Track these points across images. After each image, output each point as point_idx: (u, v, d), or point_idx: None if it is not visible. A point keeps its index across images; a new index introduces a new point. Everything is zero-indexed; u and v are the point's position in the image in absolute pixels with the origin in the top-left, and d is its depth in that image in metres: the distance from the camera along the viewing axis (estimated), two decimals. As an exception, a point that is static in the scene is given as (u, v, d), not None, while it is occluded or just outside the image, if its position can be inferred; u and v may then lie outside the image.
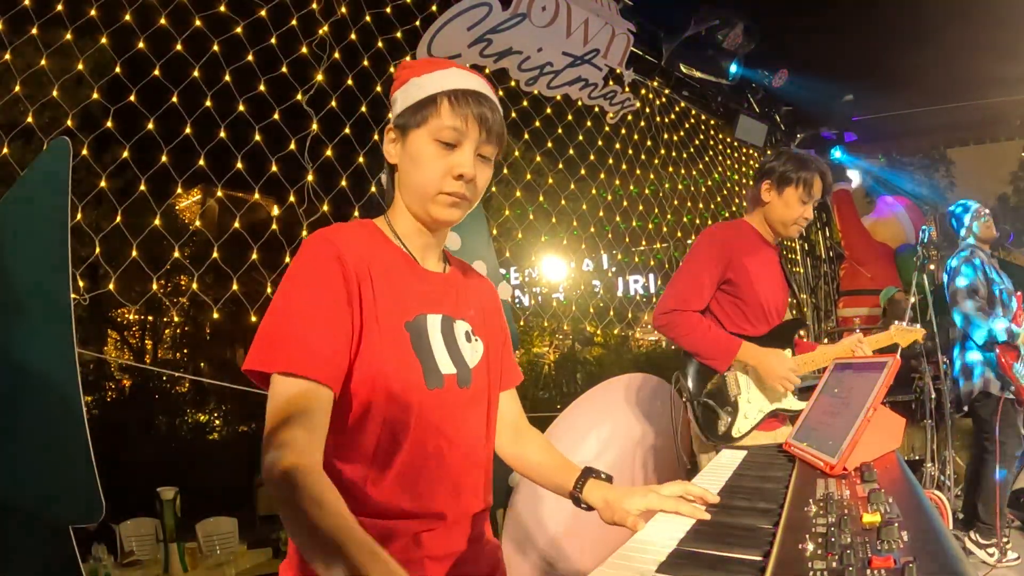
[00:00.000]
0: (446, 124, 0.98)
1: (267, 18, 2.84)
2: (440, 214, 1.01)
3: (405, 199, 1.05)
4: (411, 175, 1.01)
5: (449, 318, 1.06)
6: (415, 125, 1.00)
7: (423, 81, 1.02)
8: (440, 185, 0.99)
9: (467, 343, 1.07)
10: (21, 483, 1.81)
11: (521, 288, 10.75)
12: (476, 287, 1.17)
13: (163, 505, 4.43)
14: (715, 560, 0.73)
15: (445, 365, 1.02)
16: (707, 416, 2.10)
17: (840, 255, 6.08)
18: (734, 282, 2.11)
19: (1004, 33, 4.22)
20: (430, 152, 0.99)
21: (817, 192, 2.11)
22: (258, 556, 4.85)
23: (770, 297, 2.15)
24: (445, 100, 0.99)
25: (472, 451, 1.05)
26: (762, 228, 2.22)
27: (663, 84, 4.53)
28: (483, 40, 3.18)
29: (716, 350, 2.06)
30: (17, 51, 2.35)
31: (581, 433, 2.78)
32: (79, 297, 2.20)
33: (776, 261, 2.24)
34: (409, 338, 0.98)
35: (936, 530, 0.70)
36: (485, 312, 1.15)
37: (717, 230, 2.20)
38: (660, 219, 4.75)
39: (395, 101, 1.05)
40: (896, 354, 1.19)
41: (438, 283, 1.08)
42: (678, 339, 2.10)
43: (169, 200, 2.72)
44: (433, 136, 0.99)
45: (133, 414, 8.81)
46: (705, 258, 2.12)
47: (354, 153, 3.02)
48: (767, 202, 2.16)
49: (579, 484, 1.10)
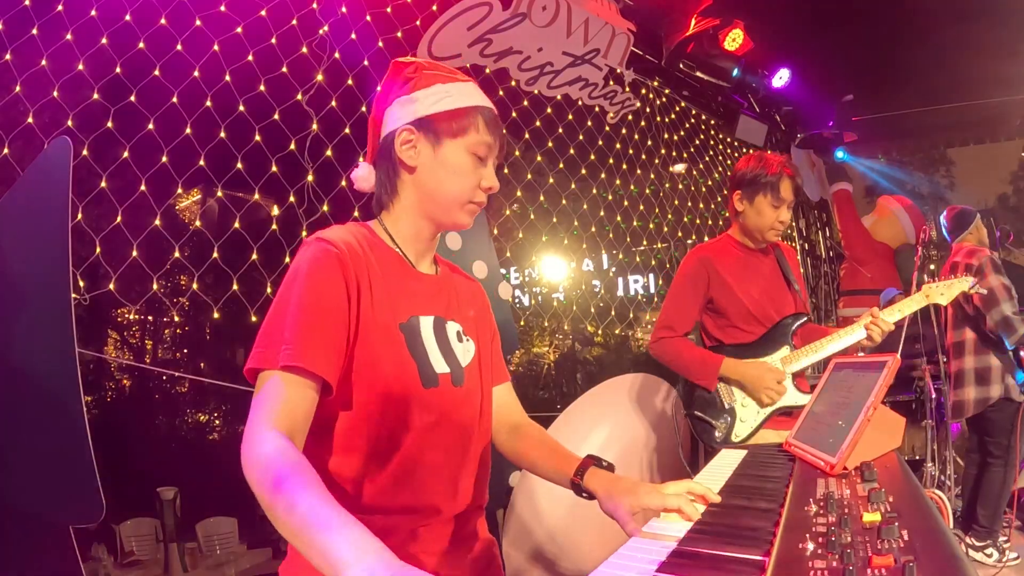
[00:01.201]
0: (484, 140, 1.04)
1: (267, 18, 2.84)
2: (463, 220, 1.07)
3: (422, 201, 1.06)
4: (444, 183, 1.04)
5: (441, 319, 1.08)
6: (451, 135, 1.03)
7: (451, 89, 1.04)
8: (471, 195, 1.05)
9: (459, 343, 1.09)
10: (21, 483, 1.81)
11: (521, 288, 10.75)
12: (465, 288, 1.19)
13: (163, 505, 4.43)
14: (715, 560, 0.73)
15: (439, 365, 1.03)
16: (702, 428, 2.13)
17: (840, 255, 6.08)
18: (717, 300, 2.18)
19: (1004, 33, 4.22)
20: (467, 164, 1.04)
21: (787, 194, 2.11)
22: (258, 556, 4.85)
23: (757, 299, 2.17)
24: (480, 117, 1.05)
25: (466, 448, 1.07)
26: (744, 238, 2.25)
27: (663, 84, 4.52)
28: (483, 40, 3.18)
29: (700, 371, 2.12)
30: (17, 51, 2.35)
31: (581, 434, 2.78)
32: (79, 297, 2.20)
33: (765, 262, 2.25)
34: (404, 339, 1.00)
35: (936, 530, 0.70)
36: (475, 312, 1.18)
37: (692, 255, 2.26)
38: (660, 219, 4.75)
39: (414, 101, 1.04)
40: (896, 354, 1.19)
41: (430, 285, 1.10)
42: (668, 365, 2.21)
43: (169, 200, 2.72)
44: (470, 149, 1.04)
45: (133, 414, 8.80)
46: (685, 283, 2.21)
47: (354, 153, 3.02)
48: (741, 211, 2.20)
49: (580, 471, 1.10)
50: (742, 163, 2.23)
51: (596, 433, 2.78)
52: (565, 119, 3.90)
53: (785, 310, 2.21)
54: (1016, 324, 3.08)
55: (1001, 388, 3.17)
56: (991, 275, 3.15)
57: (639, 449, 2.81)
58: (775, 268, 2.27)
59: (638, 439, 2.82)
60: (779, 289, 2.24)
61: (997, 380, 3.18)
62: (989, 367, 3.21)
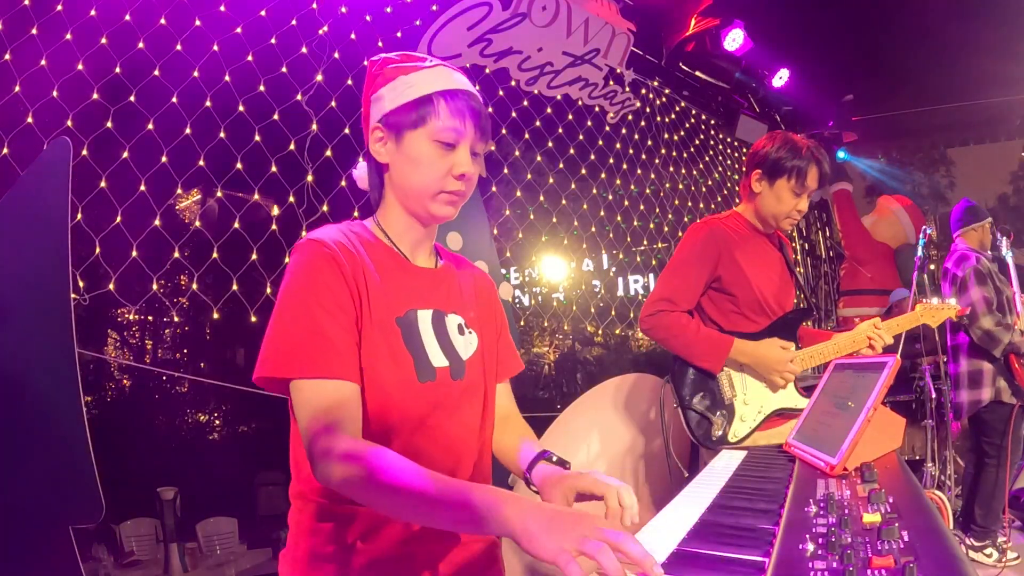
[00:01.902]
0: (446, 125, 0.99)
1: (267, 18, 2.84)
2: (440, 212, 1.03)
3: (400, 198, 1.06)
4: (410, 176, 1.02)
5: (440, 312, 1.07)
6: (411, 125, 1.00)
7: (413, 79, 1.02)
8: (442, 185, 1.01)
9: (460, 336, 1.08)
10: (21, 483, 1.81)
11: (521, 288, 10.75)
12: (470, 280, 1.17)
13: (163, 505, 4.43)
14: (715, 560, 0.73)
15: (437, 358, 1.03)
16: (699, 423, 1.97)
17: (840, 255, 6.08)
18: (725, 278, 1.99)
19: (1004, 33, 4.22)
20: (430, 153, 1.00)
21: (812, 183, 1.96)
22: (258, 556, 4.85)
23: (766, 287, 2.03)
24: (442, 100, 1.00)
25: (466, 442, 1.07)
26: (754, 219, 2.09)
27: (663, 84, 4.52)
28: (483, 40, 3.18)
29: (707, 350, 1.93)
30: (17, 51, 2.35)
31: (580, 434, 2.78)
32: (79, 297, 2.20)
33: (773, 250, 2.12)
34: (400, 333, 1.00)
35: (936, 530, 0.70)
36: (480, 305, 1.16)
37: (704, 224, 2.06)
38: (660, 219, 4.75)
39: (380, 98, 1.04)
40: (897, 354, 1.19)
41: (428, 278, 1.09)
42: (665, 341, 1.98)
43: (169, 200, 2.71)
44: (433, 137, 1.00)
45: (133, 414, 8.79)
46: (693, 255, 2.00)
47: (354, 154, 3.02)
48: (758, 193, 2.03)
49: (531, 465, 1.06)
50: (766, 141, 2.03)
51: (595, 433, 2.78)
52: (565, 119, 3.90)
53: (787, 304, 2.10)
54: (998, 335, 3.13)
55: (992, 391, 3.21)
56: (973, 288, 3.20)
57: (638, 449, 2.81)
58: (781, 258, 2.14)
59: (637, 439, 2.82)
60: (785, 281, 2.12)
61: (988, 383, 3.22)
62: (981, 370, 3.25)
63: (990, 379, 3.21)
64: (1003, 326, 3.13)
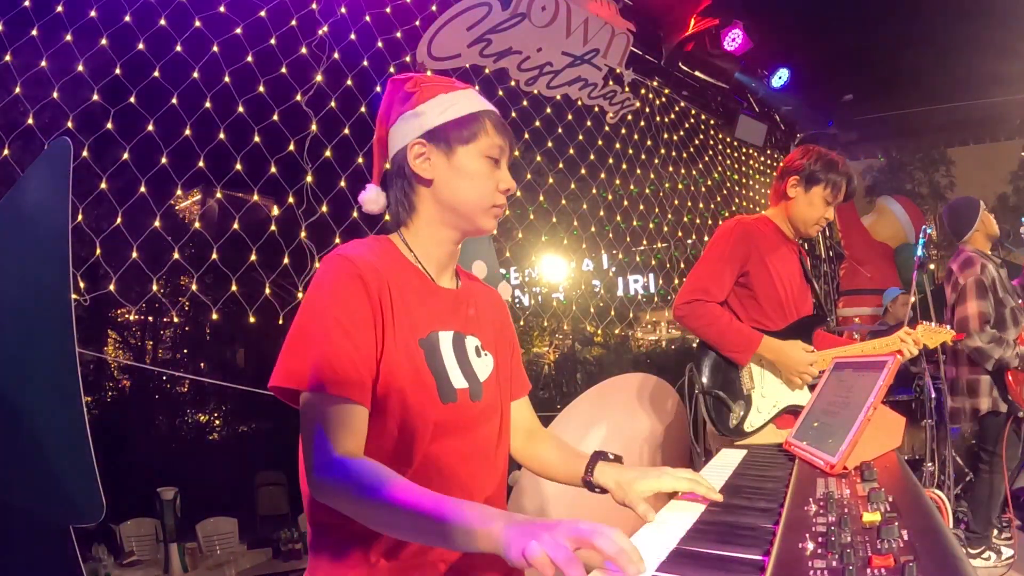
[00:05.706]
0: (496, 142, 1.06)
1: (267, 18, 2.84)
2: (488, 225, 1.09)
3: (442, 213, 1.07)
4: (463, 190, 1.05)
5: (460, 334, 1.09)
6: (464, 141, 1.05)
7: (456, 98, 1.06)
8: (492, 199, 1.07)
9: (477, 358, 1.10)
10: (21, 483, 1.81)
11: (521, 288, 10.74)
12: (485, 301, 1.20)
13: (163, 505, 4.43)
14: (715, 559, 0.73)
15: (458, 380, 1.05)
16: (718, 409, 2.09)
17: (840, 255, 6.09)
18: (752, 276, 2.11)
19: (1004, 33, 4.21)
20: (482, 168, 1.06)
21: (841, 196, 2.13)
22: (258, 556, 4.86)
23: (788, 293, 2.14)
24: (487, 120, 1.07)
25: (485, 460, 1.08)
26: (783, 224, 2.22)
27: (663, 84, 4.52)
28: (483, 40, 3.18)
29: (737, 342, 2.05)
30: (17, 51, 2.35)
31: (580, 433, 2.78)
32: (79, 297, 2.20)
33: (795, 258, 2.24)
34: (423, 355, 1.01)
35: (936, 529, 0.70)
36: (494, 326, 1.19)
37: (738, 224, 2.18)
38: (660, 219, 4.75)
39: (420, 114, 1.06)
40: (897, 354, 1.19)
41: (450, 300, 1.10)
42: (698, 329, 2.09)
43: (169, 201, 2.72)
44: (484, 153, 1.06)
45: (133, 414, 8.80)
46: (726, 250, 2.12)
47: (353, 154, 3.02)
48: (792, 198, 2.16)
49: (589, 468, 1.12)
50: (803, 152, 2.18)
51: (594, 432, 2.79)
52: (565, 119, 3.90)
53: (804, 310, 2.21)
54: (989, 352, 3.12)
55: (989, 401, 3.20)
56: (971, 301, 3.16)
57: (637, 448, 2.81)
58: (799, 264, 2.26)
59: (636, 438, 2.82)
60: (803, 289, 2.23)
61: (986, 393, 3.22)
62: (979, 380, 3.24)
63: (987, 389, 3.22)
64: (996, 342, 3.10)
